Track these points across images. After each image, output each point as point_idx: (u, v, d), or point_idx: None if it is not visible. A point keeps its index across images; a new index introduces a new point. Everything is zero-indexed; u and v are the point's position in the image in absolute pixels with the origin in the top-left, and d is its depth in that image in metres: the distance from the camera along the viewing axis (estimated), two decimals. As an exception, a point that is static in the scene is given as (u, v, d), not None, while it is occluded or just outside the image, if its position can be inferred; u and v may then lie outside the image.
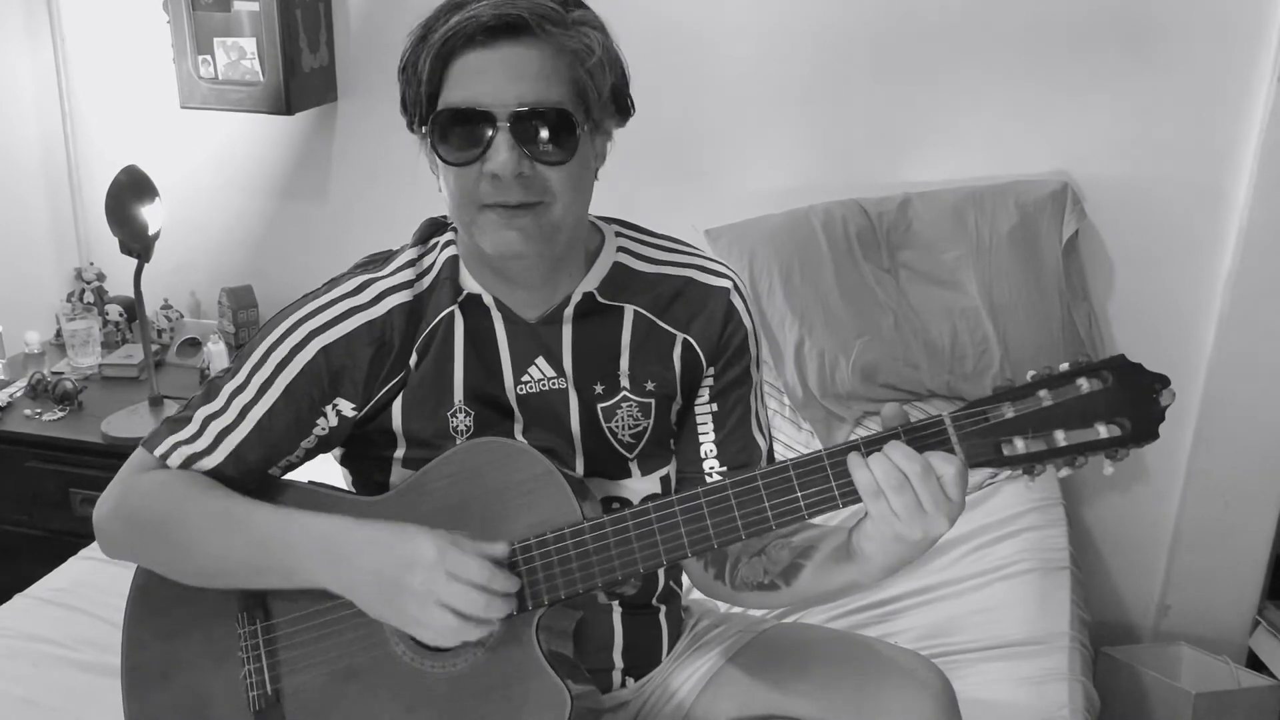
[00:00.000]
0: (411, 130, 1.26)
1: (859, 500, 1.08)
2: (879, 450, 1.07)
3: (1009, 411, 1.05)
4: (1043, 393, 1.05)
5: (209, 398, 1.28)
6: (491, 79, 1.16)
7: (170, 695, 1.29)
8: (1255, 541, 2.59)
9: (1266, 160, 2.36)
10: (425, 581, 1.10)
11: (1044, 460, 1.05)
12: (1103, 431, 1.04)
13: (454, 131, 1.18)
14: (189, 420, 1.28)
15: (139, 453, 1.31)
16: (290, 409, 1.26)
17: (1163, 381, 1.04)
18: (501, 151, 1.16)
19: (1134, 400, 1.04)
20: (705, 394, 1.35)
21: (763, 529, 1.11)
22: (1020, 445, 1.05)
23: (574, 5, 1.21)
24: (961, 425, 1.06)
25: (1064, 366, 1.06)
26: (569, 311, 1.30)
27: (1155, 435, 1.04)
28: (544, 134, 1.17)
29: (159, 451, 1.28)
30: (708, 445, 1.34)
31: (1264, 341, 2.46)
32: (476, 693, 1.18)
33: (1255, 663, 2.58)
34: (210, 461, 1.27)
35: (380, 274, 1.29)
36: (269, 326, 1.29)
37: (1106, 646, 2.52)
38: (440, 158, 1.19)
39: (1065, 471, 1.06)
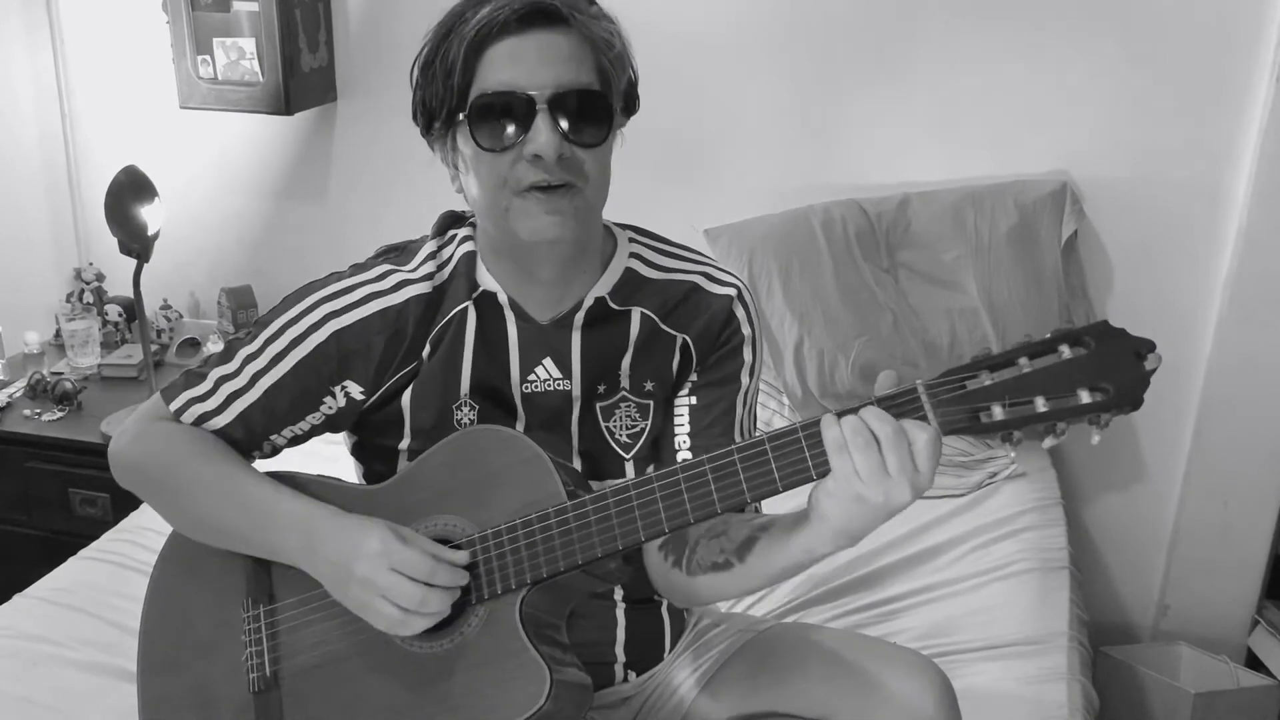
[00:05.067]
0: (428, 132, 1.26)
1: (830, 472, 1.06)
2: (853, 412, 1.05)
3: (987, 379, 1.01)
4: (1023, 360, 1.01)
5: (225, 359, 1.32)
6: (527, 63, 1.18)
7: (179, 680, 1.33)
8: (1254, 541, 2.59)
9: (1266, 160, 2.36)
10: (367, 572, 1.14)
11: (1022, 426, 1.01)
12: (1085, 397, 0.99)
13: (492, 117, 1.19)
14: (204, 377, 1.32)
15: (156, 399, 1.35)
16: (298, 384, 1.29)
17: (1148, 346, 1.00)
18: (543, 133, 1.18)
19: (1117, 365, 0.99)
20: (687, 387, 1.36)
21: (738, 502, 1.10)
22: (998, 412, 1.01)
23: (591, 2, 1.24)
24: (936, 393, 1.03)
25: (1047, 334, 1.02)
26: (580, 316, 1.31)
27: (1140, 401, 1.00)
28: (581, 115, 1.19)
29: (174, 406, 1.33)
30: (681, 437, 1.35)
31: (1263, 341, 2.46)
32: (462, 670, 1.20)
33: (1254, 662, 2.58)
34: (219, 421, 1.31)
35: (404, 267, 1.31)
36: (293, 299, 1.32)
37: (1106, 646, 2.52)
38: (478, 145, 1.20)
39: (1049, 441, 1.02)
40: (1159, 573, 2.69)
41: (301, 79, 2.69)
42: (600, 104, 1.21)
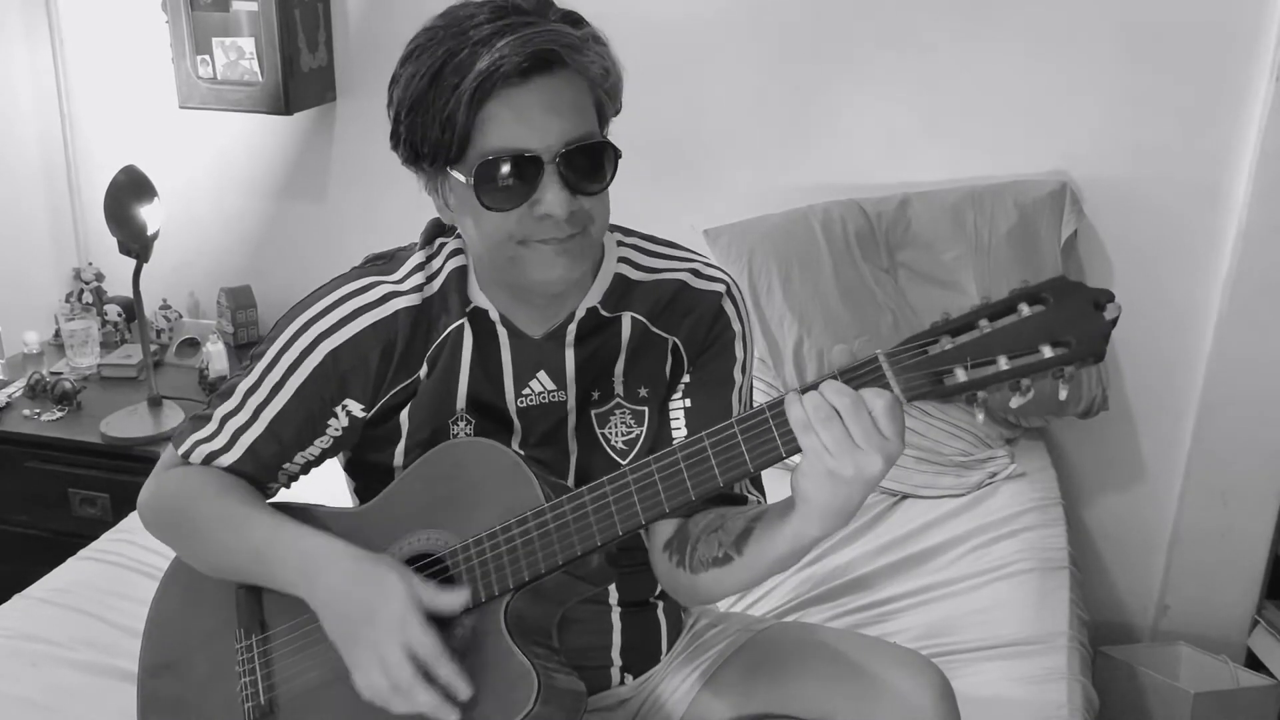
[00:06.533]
0: (415, 165, 1.23)
1: (800, 450, 1.06)
2: (814, 388, 1.05)
3: (948, 343, 1.02)
4: (983, 321, 1.01)
5: (226, 396, 1.33)
6: (532, 120, 1.15)
7: (178, 718, 1.33)
8: (1254, 541, 2.59)
9: (1265, 160, 2.35)
10: (381, 639, 1.12)
11: (986, 386, 1.01)
12: (1047, 352, 0.99)
13: (498, 177, 1.16)
14: (209, 419, 1.33)
15: (169, 449, 1.37)
16: (302, 410, 1.29)
17: (1106, 296, 1.00)
18: (552, 192, 1.16)
19: (1077, 318, 1.00)
20: (680, 389, 1.35)
21: (711, 488, 1.10)
22: (961, 374, 1.01)
23: (580, 22, 1.21)
24: (898, 360, 1.03)
25: (1005, 294, 1.02)
26: (573, 328, 1.31)
27: (1102, 353, 1.00)
28: (588, 169, 1.18)
29: (182, 450, 1.34)
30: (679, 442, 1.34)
31: (1263, 341, 2.46)
32: None
33: (1254, 662, 2.58)
34: (228, 458, 1.32)
35: (389, 277, 1.30)
36: (280, 326, 1.31)
37: (1105, 646, 2.52)
38: (483, 204, 1.17)
39: (1016, 400, 1.02)
40: (1159, 573, 2.69)
41: (301, 79, 2.69)
42: (606, 152, 1.19)
